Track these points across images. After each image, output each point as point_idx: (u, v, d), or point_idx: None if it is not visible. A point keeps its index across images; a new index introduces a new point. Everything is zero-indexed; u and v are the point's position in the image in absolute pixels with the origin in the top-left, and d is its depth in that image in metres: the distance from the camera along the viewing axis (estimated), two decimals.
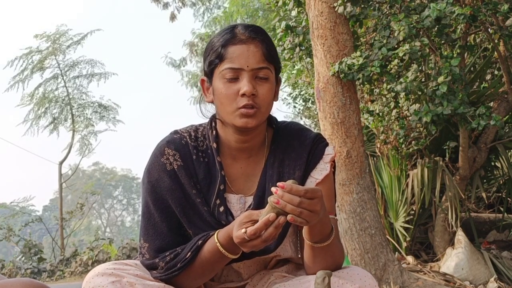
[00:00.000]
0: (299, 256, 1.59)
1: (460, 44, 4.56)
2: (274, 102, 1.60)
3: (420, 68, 4.58)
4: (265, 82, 1.52)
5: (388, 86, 4.53)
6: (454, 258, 4.53)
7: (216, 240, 1.45)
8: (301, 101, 10.45)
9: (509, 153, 5.39)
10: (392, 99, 4.90)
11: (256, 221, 1.33)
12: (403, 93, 4.53)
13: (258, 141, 1.60)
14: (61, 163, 16.75)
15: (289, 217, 1.28)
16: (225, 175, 1.58)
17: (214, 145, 1.59)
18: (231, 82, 1.50)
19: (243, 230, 1.32)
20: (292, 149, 1.60)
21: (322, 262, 1.45)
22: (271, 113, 1.66)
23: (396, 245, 5.09)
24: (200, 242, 1.48)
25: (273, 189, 1.30)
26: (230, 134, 1.57)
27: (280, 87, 1.64)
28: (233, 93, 1.49)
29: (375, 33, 4.75)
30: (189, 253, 1.48)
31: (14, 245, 14.40)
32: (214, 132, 1.60)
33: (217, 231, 1.47)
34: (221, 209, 1.54)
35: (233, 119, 1.50)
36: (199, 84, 1.65)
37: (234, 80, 1.50)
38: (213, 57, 1.53)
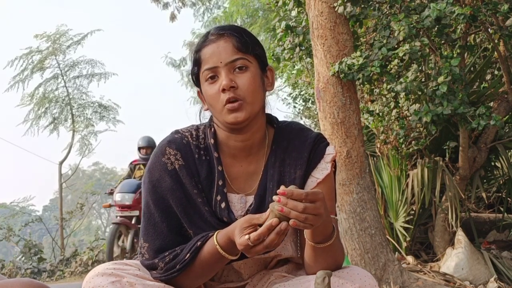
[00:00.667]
0: (299, 255, 1.60)
1: (460, 44, 4.55)
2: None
3: (420, 68, 4.58)
4: (244, 72, 1.52)
5: (388, 86, 4.53)
6: (454, 258, 4.52)
7: (216, 242, 1.44)
8: (301, 101, 10.44)
9: (509, 153, 5.39)
10: (392, 99, 4.90)
11: (257, 225, 1.34)
12: (403, 93, 4.52)
13: (258, 139, 1.60)
14: (61, 163, 16.74)
15: (291, 221, 1.28)
16: (223, 170, 1.58)
17: (212, 141, 1.59)
18: (212, 82, 1.52)
19: (247, 236, 1.32)
20: (293, 148, 1.60)
21: (323, 262, 1.45)
22: (272, 113, 1.67)
23: (396, 245, 5.09)
24: (199, 243, 1.48)
25: (275, 197, 1.29)
26: (228, 135, 1.58)
27: (281, 87, 1.65)
28: (216, 92, 1.51)
29: (375, 33, 4.75)
30: (188, 255, 1.48)
31: (14, 245, 14.39)
32: (212, 129, 1.62)
33: (216, 232, 1.47)
34: (223, 205, 1.54)
35: (223, 117, 1.52)
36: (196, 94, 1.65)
37: (214, 79, 1.52)
38: (193, 65, 1.58)
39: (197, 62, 1.56)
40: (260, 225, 1.33)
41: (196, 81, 1.59)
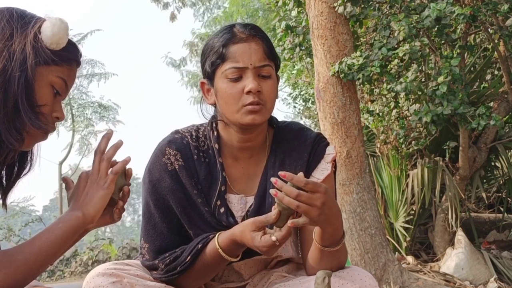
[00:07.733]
0: (299, 256, 1.59)
1: (460, 44, 4.55)
2: (276, 100, 1.60)
3: (420, 68, 4.58)
4: (268, 79, 1.52)
5: (388, 86, 4.53)
6: (454, 258, 4.52)
7: (218, 246, 1.45)
8: (301, 101, 10.43)
9: (509, 153, 5.39)
10: (392, 99, 4.90)
11: (265, 227, 1.36)
12: (403, 93, 4.52)
13: (260, 141, 1.60)
14: (61, 163, 16.77)
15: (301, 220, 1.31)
16: (226, 176, 1.57)
17: (216, 146, 1.58)
18: (235, 81, 1.50)
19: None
20: (293, 149, 1.59)
21: (327, 265, 1.44)
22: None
23: (396, 245, 5.09)
24: (200, 246, 1.48)
25: (272, 179, 1.30)
26: (232, 134, 1.57)
27: (280, 87, 1.66)
28: (238, 92, 1.49)
29: (375, 33, 4.75)
30: (189, 257, 1.48)
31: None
32: (215, 133, 1.60)
33: (217, 234, 1.47)
34: (222, 210, 1.54)
35: (239, 117, 1.49)
36: (199, 85, 1.63)
37: (238, 79, 1.50)
38: (214, 57, 1.52)
39: (221, 56, 1.50)
40: (269, 226, 1.35)
41: (211, 73, 1.55)
